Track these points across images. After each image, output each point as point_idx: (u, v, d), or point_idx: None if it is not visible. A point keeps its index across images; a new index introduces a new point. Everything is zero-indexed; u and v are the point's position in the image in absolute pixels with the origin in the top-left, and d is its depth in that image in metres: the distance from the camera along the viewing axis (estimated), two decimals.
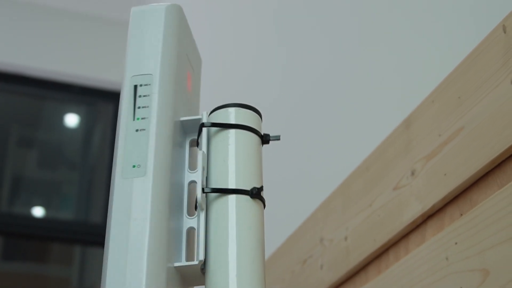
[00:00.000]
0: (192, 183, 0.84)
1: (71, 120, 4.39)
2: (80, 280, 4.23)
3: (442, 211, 0.98)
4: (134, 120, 0.81)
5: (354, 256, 1.16)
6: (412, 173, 1.04)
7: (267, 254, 1.51)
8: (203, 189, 0.79)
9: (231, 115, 0.84)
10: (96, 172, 4.26)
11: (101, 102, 4.27)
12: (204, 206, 0.78)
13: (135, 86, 0.82)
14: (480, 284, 0.85)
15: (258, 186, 0.81)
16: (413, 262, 1.00)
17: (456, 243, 0.92)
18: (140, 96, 0.82)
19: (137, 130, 0.80)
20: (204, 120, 0.84)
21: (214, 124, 0.83)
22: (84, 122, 4.36)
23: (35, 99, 4.32)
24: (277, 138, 0.85)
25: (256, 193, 0.80)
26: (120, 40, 4.14)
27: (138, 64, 0.84)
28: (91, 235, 3.92)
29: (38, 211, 4.19)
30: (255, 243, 0.78)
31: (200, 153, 0.80)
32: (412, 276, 1.00)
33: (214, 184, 0.80)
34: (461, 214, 0.94)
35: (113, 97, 4.09)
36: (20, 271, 4.23)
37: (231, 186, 0.79)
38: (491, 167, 0.88)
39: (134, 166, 0.78)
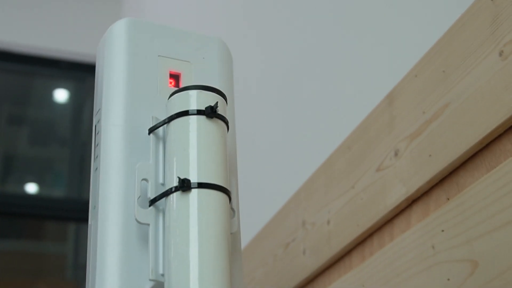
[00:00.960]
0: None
1: (61, 96, 4.33)
2: (75, 256, 4.20)
3: (428, 195, 0.90)
4: (93, 160, 0.81)
5: (337, 241, 1.09)
6: (396, 154, 0.96)
7: (251, 236, 1.44)
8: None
9: (192, 99, 0.76)
10: (87, 148, 4.19)
11: (90, 77, 4.19)
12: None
13: (95, 125, 0.82)
14: (469, 276, 0.78)
15: (223, 181, 0.73)
16: (398, 250, 0.93)
17: (442, 231, 0.84)
18: (97, 134, 0.81)
19: (96, 169, 0.79)
20: (151, 125, 0.77)
21: (157, 125, 0.77)
22: (73, 98, 4.29)
23: (23, 76, 4.26)
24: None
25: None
26: (108, 14, 4.06)
27: (95, 101, 0.84)
28: (85, 212, 3.87)
29: (31, 188, 4.15)
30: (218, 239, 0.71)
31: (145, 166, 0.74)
32: (397, 264, 0.93)
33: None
34: (448, 199, 0.86)
35: None
36: (15, 249, 4.19)
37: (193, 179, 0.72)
38: (479, 148, 0.81)
39: (94, 208, 0.78)
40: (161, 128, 0.78)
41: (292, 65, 1.43)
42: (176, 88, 0.82)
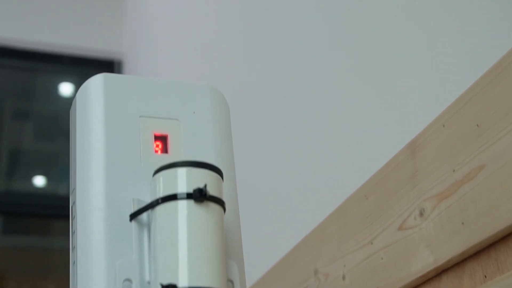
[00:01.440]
0: None
1: (65, 90, 4.24)
2: None
3: (460, 268, 0.77)
4: (71, 249, 0.71)
5: None
6: (421, 214, 0.83)
7: (256, 277, 1.32)
8: None
9: (181, 180, 0.63)
10: None
11: (93, 71, 4.07)
12: None
13: (71, 206, 0.72)
14: None
15: (217, 282, 0.60)
16: None
17: None
18: (73, 218, 0.71)
19: (73, 263, 0.68)
20: (132, 210, 0.65)
21: (140, 211, 0.64)
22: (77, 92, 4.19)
23: (27, 72, 4.17)
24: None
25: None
26: (111, 8, 3.94)
27: (70, 175, 0.74)
28: None
29: (38, 182, 4.07)
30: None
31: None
32: None
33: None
34: (485, 276, 0.73)
35: (105, 65, 3.93)
36: (23, 245, 4.13)
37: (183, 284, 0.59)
38: None
39: None
40: (145, 213, 0.65)
41: (306, 104, 1.30)
42: (162, 164, 0.69)
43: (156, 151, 0.71)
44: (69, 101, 4.13)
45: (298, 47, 1.34)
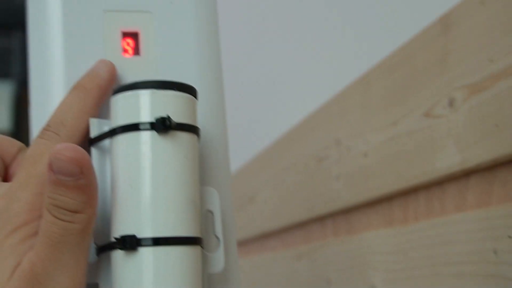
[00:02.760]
0: None
1: None
2: None
3: (491, 173, 0.66)
4: None
5: (376, 185, 0.87)
6: (451, 103, 0.71)
7: (274, 135, 1.22)
8: None
9: (144, 106, 0.51)
10: None
11: None
12: None
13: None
14: None
15: (186, 227, 0.51)
16: (451, 232, 0.71)
17: (509, 237, 0.61)
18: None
19: None
20: (92, 135, 0.54)
21: (99, 138, 0.53)
22: None
23: None
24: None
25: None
26: None
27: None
28: None
29: None
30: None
31: None
32: (448, 250, 0.71)
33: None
34: None
35: None
36: None
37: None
38: None
39: None
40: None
41: None
42: (132, 70, 0.58)
43: (125, 53, 0.59)
44: None
45: None
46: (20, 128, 3.61)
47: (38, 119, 0.57)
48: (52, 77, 0.58)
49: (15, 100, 3.64)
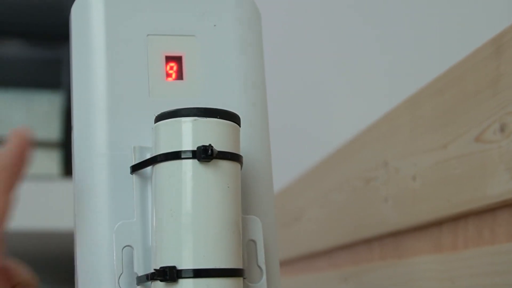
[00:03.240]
0: None
1: None
2: None
3: None
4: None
5: (425, 209, 0.85)
6: (502, 129, 0.68)
7: (317, 155, 1.21)
8: None
9: (186, 134, 0.51)
10: None
11: None
12: None
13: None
14: None
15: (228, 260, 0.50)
16: (501, 263, 0.68)
17: None
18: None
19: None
20: (133, 162, 0.53)
21: (141, 165, 0.53)
22: None
23: None
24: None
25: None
26: None
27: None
28: None
29: None
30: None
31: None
32: (497, 281, 0.69)
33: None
34: None
35: None
36: None
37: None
38: None
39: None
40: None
41: None
42: (174, 94, 0.57)
43: (169, 78, 0.58)
44: None
45: None
46: (70, 138, 3.66)
47: (80, 144, 0.57)
48: (94, 101, 0.57)
49: (66, 111, 3.69)
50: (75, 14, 0.59)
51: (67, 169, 1.57)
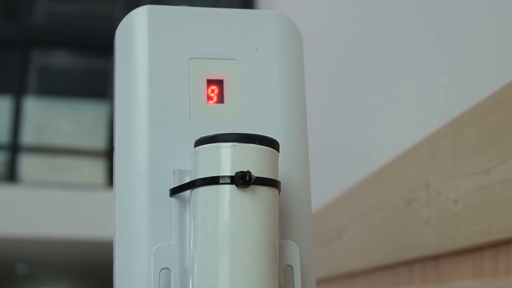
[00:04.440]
0: None
1: None
2: None
3: None
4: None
5: (466, 235, 0.84)
6: None
7: (359, 174, 1.20)
8: None
9: (225, 159, 0.51)
10: None
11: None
12: None
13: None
14: None
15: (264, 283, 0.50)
16: None
17: None
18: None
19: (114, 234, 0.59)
20: (173, 185, 0.54)
21: (180, 188, 0.53)
22: None
23: None
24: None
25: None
26: None
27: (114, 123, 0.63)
28: None
29: None
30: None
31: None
32: None
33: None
34: None
35: None
36: None
37: None
38: None
39: None
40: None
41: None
42: (213, 117, 0.57)
43: (210, 101, 0.59)
44: None
45: None
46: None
47: (121, 164, 0.58)
48: (136, 122, 0.58)
49: (112, 120, 3.74)
50: (120, 36, 0.60)
51: (112, 179, 1.59)
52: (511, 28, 0.83)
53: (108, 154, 3.70)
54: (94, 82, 4.05)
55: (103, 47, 3.83)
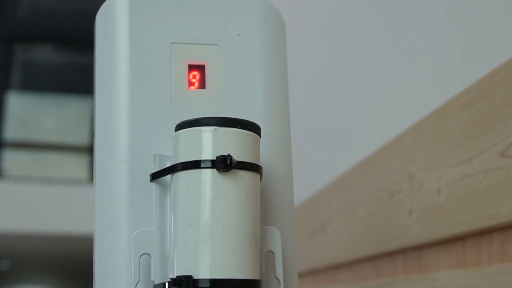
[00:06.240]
0: None
1: None
2: None
3: None
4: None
5: (449, 224, 0.84)
6: None
7: (346, 164, 1.20)
8: None
9: (206, 143, 0.51)
10: None
11: None
12: None
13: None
14: None
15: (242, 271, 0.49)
16: None
17: None
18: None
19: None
20: (153, 170, 0.53)
21: (161, 173, 0.53)
22: None
23: None
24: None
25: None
26: None
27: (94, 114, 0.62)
28: None
29: None
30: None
31: None
32: None
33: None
34: None
35: None
36: None
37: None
38: None
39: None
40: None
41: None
42: (195, 103, 0.57)
43: (191, 86, 0.58)
44: None
45: None
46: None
47: (101, 150, 0.57)
48: (117, 108, 0.58)
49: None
50: (100, 21, 0.59)
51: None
52: (494, 16, 0.83)
53: (92, 150, 3.69)
54: (78, 77, 4.03)
55: (87, 42, 3.82)
